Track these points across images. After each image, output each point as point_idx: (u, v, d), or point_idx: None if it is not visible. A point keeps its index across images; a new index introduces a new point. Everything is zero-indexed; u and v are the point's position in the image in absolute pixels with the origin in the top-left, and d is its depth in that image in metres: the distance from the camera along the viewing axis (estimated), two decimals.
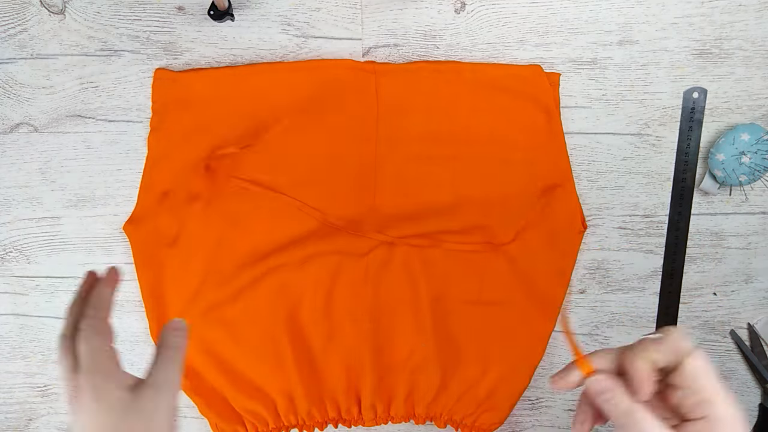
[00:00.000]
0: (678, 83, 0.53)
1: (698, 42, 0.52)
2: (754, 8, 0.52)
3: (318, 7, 0.53)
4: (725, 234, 0.55)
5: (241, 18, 0.53)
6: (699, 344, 0.57)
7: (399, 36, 0.53)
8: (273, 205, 0.53)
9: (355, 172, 0.54)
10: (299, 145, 0.53)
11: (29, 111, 0.55)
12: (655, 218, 0.55)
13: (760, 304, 0.56)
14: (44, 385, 0.59)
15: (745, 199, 0.55)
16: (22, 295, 0.57)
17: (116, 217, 0.56)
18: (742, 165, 0.51)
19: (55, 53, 0.54)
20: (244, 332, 0.54)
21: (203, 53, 0.54)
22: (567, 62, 0.53)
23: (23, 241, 0.56)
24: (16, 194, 0.56)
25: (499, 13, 0.53)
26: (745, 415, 0.57)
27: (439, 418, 0.55)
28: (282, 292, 0.54)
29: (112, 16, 0.53)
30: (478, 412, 0.54)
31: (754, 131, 0.51)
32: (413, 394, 0.55)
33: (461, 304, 0.54)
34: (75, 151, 0.55)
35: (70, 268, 0.57)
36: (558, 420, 0.58)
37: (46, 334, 0.58)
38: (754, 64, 0.53)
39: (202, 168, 0.53)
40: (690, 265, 0.56)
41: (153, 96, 0.53)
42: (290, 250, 0.53)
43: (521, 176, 0.53)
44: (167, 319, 0.54)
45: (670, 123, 0.54)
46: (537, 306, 0.54)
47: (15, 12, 0.53)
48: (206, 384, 0.54)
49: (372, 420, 0.55)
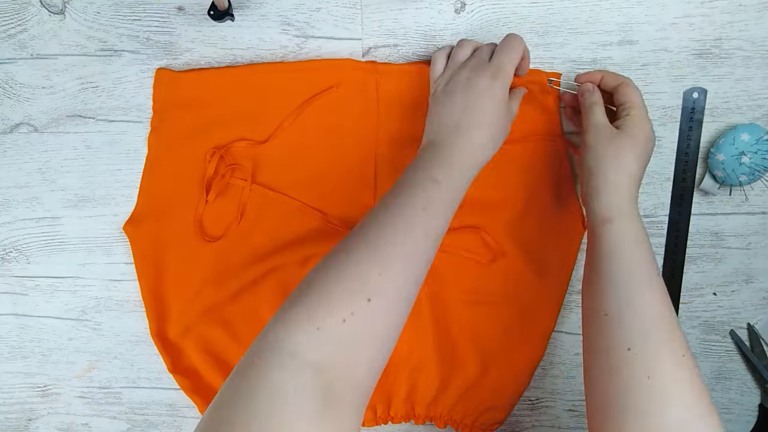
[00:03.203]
0: (678, 83, 0.53)
1: (698, 42, 0.52)
2: (754, 8, 0.52)
3: (318, 7, 0.53)
4: (725, 234, 0.55)
5: (241, 18, 0.53)
6: (699, 344, 0.57)
7: (399, 36, 0.53)
8: (273, 205, 0.53)
9: (355, 172, 0.54)
10: (299, 145, 0.53)
11: (29, 111, 0.55)
12: (655, 218, 0.55)
13: (760, 304, 0.56)
14: (44, 385, 0.59)
15: (745, 199, 0.55)
16: (22, 295, 0.57)
17: (116, 217, 0.56)
18: (742, 165, 0.51)
19: (55, 53, 0.54)
20: (244, 332, 0.54)
21: (203, 53, 0.54)
22: (567, 62, 0.53)
23: (23, 241, 0.56)
24: (16, 194, 0.56)
25: (499, 13, 0.53)
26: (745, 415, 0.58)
27: (439, 418, 0.55)
28: (282, 292, 0.54)
29: (112, 16, 0.53)
30: (478, 412, 0.54)
31: (754, 131, 0.51)
32: (413, 394, 0.55)
33: (461, 304, 0.54)
34: (75, 151, 0.55)
35: (70, 268, 0.57)
36: (558, 420, 0.58)
37: (46, 334, 0.58)
38: (754, 64, 0.53)
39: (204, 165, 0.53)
40: (690, 265, 0.56)
41: (153, 96, 0.53)
42: (290, 250, 0.53)
43: (521, 176, 0.53)
44: (167, 319, 0.54)
45: (670, 123, 0.54)
46: (537, 306, 0.54)
47: (15, 12, 0.53)
48: (206, 384, 0.55)
49: (372, 420, 0.55)
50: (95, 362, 0.58)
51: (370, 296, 0.36)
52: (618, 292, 0.42)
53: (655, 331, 0.40)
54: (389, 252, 0.38)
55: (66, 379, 0.58)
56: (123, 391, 0.58)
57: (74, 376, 0.58)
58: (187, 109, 0.53)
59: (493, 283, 0.54)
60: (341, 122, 0.53)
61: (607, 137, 0.46)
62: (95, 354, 0.58)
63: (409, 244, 0.39)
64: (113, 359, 0.58)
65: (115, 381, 0.58)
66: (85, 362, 0.58)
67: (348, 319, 0.35)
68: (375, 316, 0.36)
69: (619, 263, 0.43)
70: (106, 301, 0.57)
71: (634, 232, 0.44)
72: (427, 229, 0.40)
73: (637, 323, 0.40)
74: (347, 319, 0.35)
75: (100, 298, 0.57)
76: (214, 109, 0.53)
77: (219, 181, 0.53)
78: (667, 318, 0.41)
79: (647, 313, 0.41)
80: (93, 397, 0.58)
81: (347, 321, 0.35)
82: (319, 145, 0.53)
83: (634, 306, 0.41)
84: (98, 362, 0.58)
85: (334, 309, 0.35)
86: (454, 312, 0.54)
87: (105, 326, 0.57)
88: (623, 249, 0.43)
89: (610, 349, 0.41)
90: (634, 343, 0.40)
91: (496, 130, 0.45)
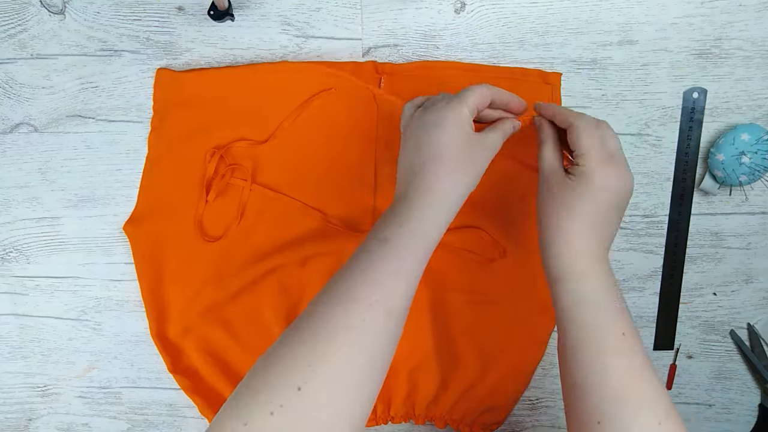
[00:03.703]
0: (678, 83, 0.53)
1: (698, 42, 0.52)
2: (754, 8, 0.52)
3: (318, 7, 0.53)
4: (725, 234, 0.55)
5: (241, 18, 0.53)
6: (699, 344, 0.57)
7: (399, 36, 0.53)
8: (273, 205, 0.53)
9: (355, 172, 0.54)
10: (299, 145, 0.53)
11: (29, 111, 0.55)
12: (655, 218, 0.55)
13: (760, 304, 0.56)
14: (44, 385, 0.59)
15: (745, 199, 0.55)
16: (22, 295, 0.57)
17: (116, 217, 0.56)
18: (742, 165, 0.51)
19: (55, 53, 0.54)
20: (244, 332, 0.54)
21: (203, 53, 0.54)
22: (567, 62, 0.53)
23: (23, 241, 0.56)
24: (16, 194, 0.56)
25: (499, 13, 0.53)
26: (745, 416, 0.58)
27: (439, 418, 0.55)
28: (282, 292, 0.54)
29: (112, 16, 0.53)
30: (478, 412, 0.54)
31: (754, 131, 0.51)
32: (413, 394, 0.55)
33: (461, 304, 0.54)
34: (75, 151, 0.55)
35: (70, 268, 0.57)
36: (558, 420, 0.58)
37: (46, 334, 0.58)
38: (754, 64, 0.53)
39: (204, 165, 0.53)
40: (690, 265, 0.56)
41: (154, 96, 0.53)
42: (290, 250, 0.53)
43: (522, 175, 0.53)
44: (167, 319, 0.54)
45: (670, 123, 0.54)
46: (537, 306, 0.54)
47: (15, 12, 0.53)
48: (206, 384, 0.55)
49: (372, 420, 0.55)
50: (95, 362, 0.58)
51: (299, 384, 0.32)
52: (581, 360, 0.38)
53: (623, 402, 0.36)
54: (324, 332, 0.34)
55: (66, 379, 0.58)
56: (123, 391, 0.58)
57: (74, 376, 0.58)
58: (188, 109, 0.53)
59: (493, 283, 0.54)
60: (341, 122, 0.53)
61: (557, 183, 0.41)
62: (95, 354, 0.58)
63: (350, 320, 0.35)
64: (113, 359, 0.58)
65: (115, 381, 0.58)
66: (85, 362, 0.58)
67: (276, 411, 0.32)
68: (310, 403, 0.32)
69: (578, 328, 0.39)
70: (106, 301, 0.57)
71: (592, 293, 0.39)
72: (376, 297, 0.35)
73: (603, 394, 0.36)
74: (275, 412, 0.32)
75: (100, 298, 0.57)
76: (214, 109, 0.53)
77: (219, 181, 0.53)
78: (638, 384, 0.37)
79: (612, 382, 0.36)
80: (93, 397, 0.58)
81: (275, 414, 0.32)
82: (319, 145, 0.53)
83: (597, 375, 0.37)
84: (98, 362, 0.58)
85: (261, 401, 0.32)
86: (454, 312, 0.54)
87: (105, 326, 0.57)
88: (578, 312, 0.39)
89: (581, 422, 0.37)
90: (603, 417, 0.36)
91: (458, 162, 0.39)
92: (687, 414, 0.58)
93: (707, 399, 0.58)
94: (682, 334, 0.57)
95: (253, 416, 0.32)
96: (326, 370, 0.33)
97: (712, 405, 0.58)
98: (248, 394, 0.33)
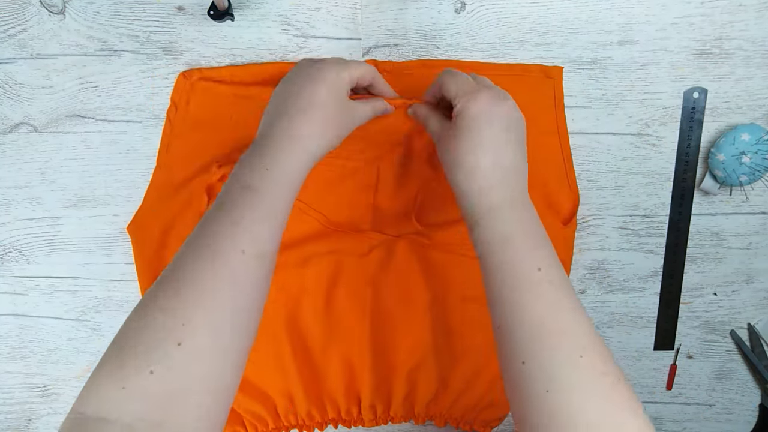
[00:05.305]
0: (678, 83, 0.53)
1: (698, 42, 0.52)
2: (754, 8, 0.52)
3: (318, 7, 0.53)
4: (725, 234, 0.55)
5: (241, 18, 0.53)
6: (699, 344, 0.57)
7: (399, 36, 0.53)
8: None
9: (356, 172, 0.53)
10: None
11: (29, 111, 0.55)
12: (655, 218, 0.55)
13: (760, 304, 0.56)
14: (44, 385, 0.59)
15: (746, 199, 0.54)
16: (22, 295, 0.57)
17: (116, 217, 0.56)
18: (742, 165, 0.51)
19: (54, 53, 0.54)
20: None
21: (203, 53, 0.54)
22: (567, 62, 0.53)
23: (23, 241, 0.56)
24: (16, 194, 0.56)
25: (499, 13, 0.53)
26: (745, 415, 0.58)
27: (439, 417, 0.55)
28: (282, 292, 0.53)
29: (112, 16, 0.53)
30: (478, 410, 0.54)
31: (754, 131, 0.51)
32: (413, 393, 0.55)
33: (460, 303, 0.54)
34: (75, 151, 0.55)
35: (70, 268, 0.56)
36: None
37: (46, 334, 0.58)
38: (755, 64, 0.52)
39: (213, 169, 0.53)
40: (690, 265, 0.56)
41: (173, 94, 0.54)
42: (290, 250, 0.53)
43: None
44: None
45: (671, 123, 0.54)
46: None
47: (15, 12, 0.53)
48: None
49: (372, 420, 0.55)
50: (95, 362, 0.58)
51: (180, 340, 0.32)
52: (499, 301, 0.38)
53: (545, 337, 0.35)
54: (197, 286, 0.34)
55: (66, 379, 0.58)
56: None
57: (74, 376, 0.58)
58: (199, 125, 0.53)
59: None
60: None
61: (446, 136, 0.42)
62: (95, 354, 0.58)
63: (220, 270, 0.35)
64: None
65: None
66: (85, 362, 0.58)
67: (156, 370, 0.31)
68: (191, 359, 0.32)
69: (493, 268, 0.38)
70: (106, 301, 0.57)
71: (502, 230, 0.38)
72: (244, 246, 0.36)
73: (523, 333, 0.36)
74: (155, 371, 0.31)
75: (99, 298, 0.57)
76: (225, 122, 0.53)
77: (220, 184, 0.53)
78: (558, 319, 0.36)
79: (534, 319, 0.36)
80: None
81: (155, 372, 0.31)
82: None
83: (516, 315, 0.37)
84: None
85: (138, 362, 0.31)
86: (453, 311, 0.54)
87: (105, 326, 0.57)
88: (491, 252, 0.38)
89: (509, 365, 0.37)
90: (526, 355, 0.35)
91: (324, 119, 0.41)
92: (687, 414, 0.58)
93: (708, 399, 0.58)
94: (682, 334, 0.57)
95: (130, 379, 0.31)
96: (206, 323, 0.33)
97: (712, 405, 0.58)
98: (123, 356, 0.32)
